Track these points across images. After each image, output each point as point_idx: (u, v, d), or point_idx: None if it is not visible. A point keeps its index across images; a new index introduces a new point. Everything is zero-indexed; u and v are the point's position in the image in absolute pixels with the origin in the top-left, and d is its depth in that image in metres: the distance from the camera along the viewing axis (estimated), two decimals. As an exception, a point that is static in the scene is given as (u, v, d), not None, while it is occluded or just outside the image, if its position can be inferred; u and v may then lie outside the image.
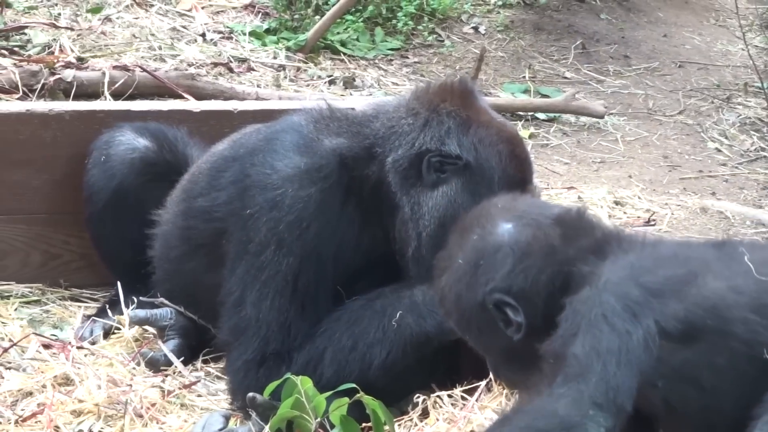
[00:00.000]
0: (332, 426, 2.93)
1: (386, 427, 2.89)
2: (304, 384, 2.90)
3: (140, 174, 3.79)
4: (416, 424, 3.05)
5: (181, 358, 3.47)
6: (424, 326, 3.11)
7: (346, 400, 2.91)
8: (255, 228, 3.21)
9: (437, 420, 3.02)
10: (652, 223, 5.47)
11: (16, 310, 3.78)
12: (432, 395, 3.14)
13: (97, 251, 3.90)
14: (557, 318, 2.41)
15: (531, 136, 6.71)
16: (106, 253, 3.89)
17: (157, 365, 3.45)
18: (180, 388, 3.32)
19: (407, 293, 3.15)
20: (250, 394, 3.07)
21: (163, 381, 3.36)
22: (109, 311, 3.71)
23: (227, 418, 3.09)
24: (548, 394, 2.28)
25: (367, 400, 2.88)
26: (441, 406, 3.09)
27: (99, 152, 3.83)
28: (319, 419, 2.90)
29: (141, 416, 3.14)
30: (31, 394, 3.23)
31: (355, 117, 3.42)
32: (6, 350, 3.41)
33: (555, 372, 2.32)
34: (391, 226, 3.26)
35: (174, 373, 3.43)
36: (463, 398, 3.10)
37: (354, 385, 2.92)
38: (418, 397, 3.13)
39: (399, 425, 3.06)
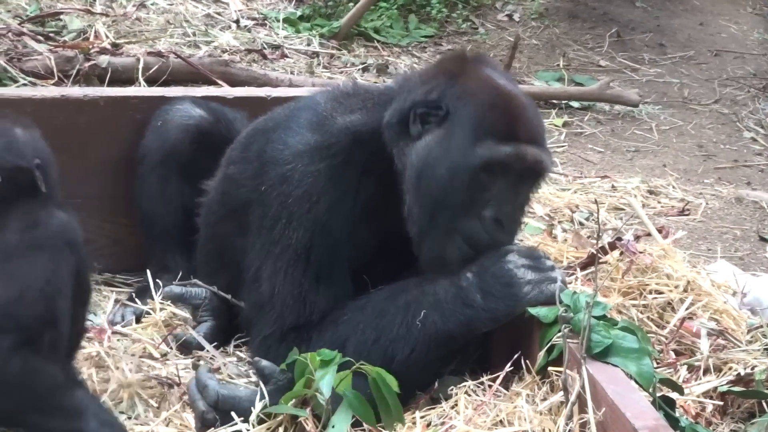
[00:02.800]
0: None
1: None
2: (313, 360, 2.91)
3: (193, 140, 3.87)
4: (445, 411, 3.05)
5: (214, 344, 3.49)
6: (447, 325, 3.09)
7: (348, 372, 2.91)
8: (268, 203, 3.26)
9: (466, 408, 3.01)
10: (686, 212, 5.44)
11: (50, 294, 3.80)
12: (462, 384, 3.13)
13: (138, 212, 3.93)
14: None
15: (565, 125, 6.69)
16: (147, 213, 3.93)
17: (189, 347, 3.48)
18: (212, 371, 3.33)
19: (431, 289, 3.14)
20: (255, 358, 3.13)
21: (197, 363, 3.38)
22: (141, 296, 3.74)
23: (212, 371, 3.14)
24: None
25: (369, 369, 2.89)
26: (470, 395, 3.09)
27: (157, 119, 3.94)
28: (329, 396, 2.91)
29: (176, 385, 3.19)
30: (65, 376, 3.25)
31: (375, 91, 3.45)
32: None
33: None
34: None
35: (207, 353, 3.44)
36: (490, 387, 3.10)
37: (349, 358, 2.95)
38: (451, 389, 3.13)
39: (430, 413, 3.06)
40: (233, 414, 2.95)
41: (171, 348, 3.46)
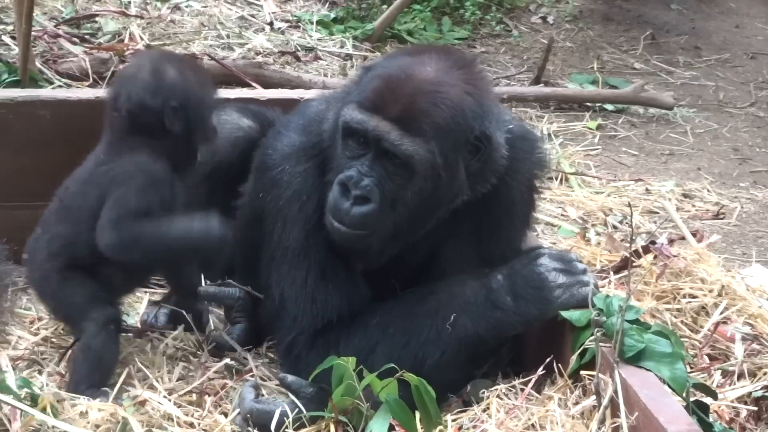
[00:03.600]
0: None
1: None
2: (352, 365, 2.92)
3: (242, 152, 3.84)
4: (477, 415, 3.04)
5: (247, 346, 3.49)
6: (477, 328, 3.09)
7: (393, 380, 2.92)
8: (267, 210, 3.27)
9: (498, 411, 3.01)
10: (721, 216, 5.41)
11: (84, 295, 3.82)
12: (494, 387, 3.13)
13: None
14: None
15: (599, 128, 6.66)
16: None
17: (223, 348, 3.49)
18: (246, 371, 3.35)
19: (459, 291, 3.14)
20: (281, 374, 3.13)
21: (230, 364, 3.40)
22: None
23: (257, 388, 3.14)
24: None
25: (411, 377, 2.90)
26: (502, 398, 3.08)
27: None
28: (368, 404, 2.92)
29: (209, 395, 3.21)
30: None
31: None
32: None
33: None
34: None
35: (243, 352, 3.45)
36: (522, 390, 3.09)
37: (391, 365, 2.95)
38: (483, 392, 3.12)
39: (461, 416, 3.06)
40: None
41: (204, 350, 3.47)
